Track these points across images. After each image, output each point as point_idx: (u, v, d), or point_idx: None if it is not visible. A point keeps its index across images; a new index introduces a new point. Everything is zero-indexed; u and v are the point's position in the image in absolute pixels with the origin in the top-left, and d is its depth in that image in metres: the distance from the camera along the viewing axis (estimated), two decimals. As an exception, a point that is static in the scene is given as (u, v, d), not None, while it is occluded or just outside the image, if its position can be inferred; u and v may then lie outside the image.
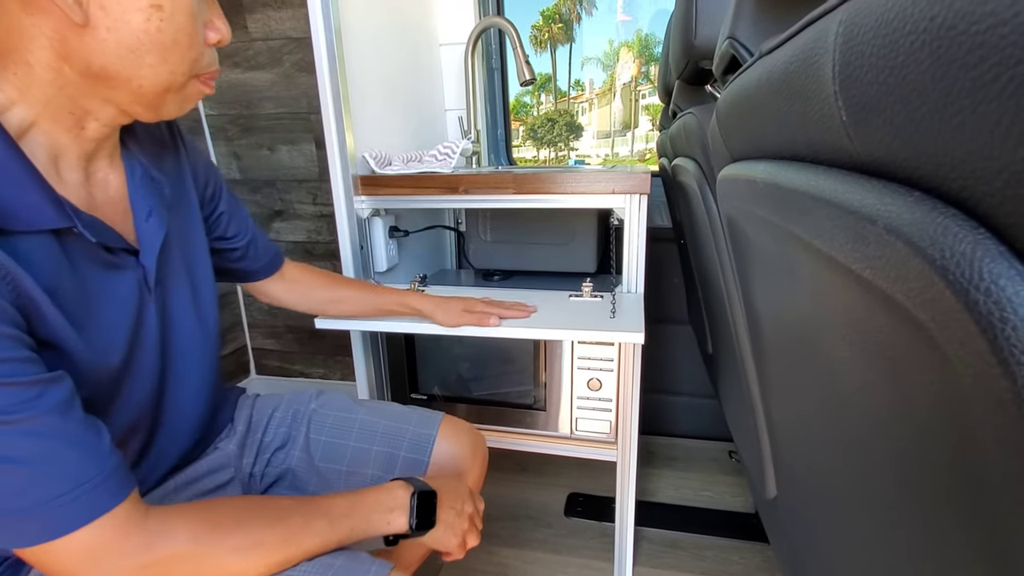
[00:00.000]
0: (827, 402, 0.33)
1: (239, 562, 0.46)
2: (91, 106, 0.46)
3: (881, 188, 0.17)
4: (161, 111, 0.49)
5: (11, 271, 0.39)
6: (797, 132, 0.24)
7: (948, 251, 0.14)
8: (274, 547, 0.48)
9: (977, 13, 0.12)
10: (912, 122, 0.16)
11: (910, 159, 0.16)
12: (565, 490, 1.42)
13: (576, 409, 1.04)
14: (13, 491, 0.38)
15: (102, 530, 0.41)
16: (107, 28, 0.42)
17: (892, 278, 0.17)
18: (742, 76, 0.33)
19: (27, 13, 0.40)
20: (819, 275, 0.25)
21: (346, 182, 1.03)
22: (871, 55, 0.17)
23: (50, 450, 0.39)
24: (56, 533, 0.39)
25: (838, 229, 0.20)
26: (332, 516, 0.54)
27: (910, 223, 0.15)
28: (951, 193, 0.15)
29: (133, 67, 0.44)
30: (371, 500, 0.57)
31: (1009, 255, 0.13)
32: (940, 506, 0.20)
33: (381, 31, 1.17)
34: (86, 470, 0.40)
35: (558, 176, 0.96)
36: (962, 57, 0.13)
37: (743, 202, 0.36)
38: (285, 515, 0.51)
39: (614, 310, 0.89)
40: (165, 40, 0.44)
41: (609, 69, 31.76)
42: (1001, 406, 0.13)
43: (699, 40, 0.60)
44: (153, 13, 0.43)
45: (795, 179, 0.24)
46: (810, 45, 0.21)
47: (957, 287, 0.14)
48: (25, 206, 0.41)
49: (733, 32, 0.40)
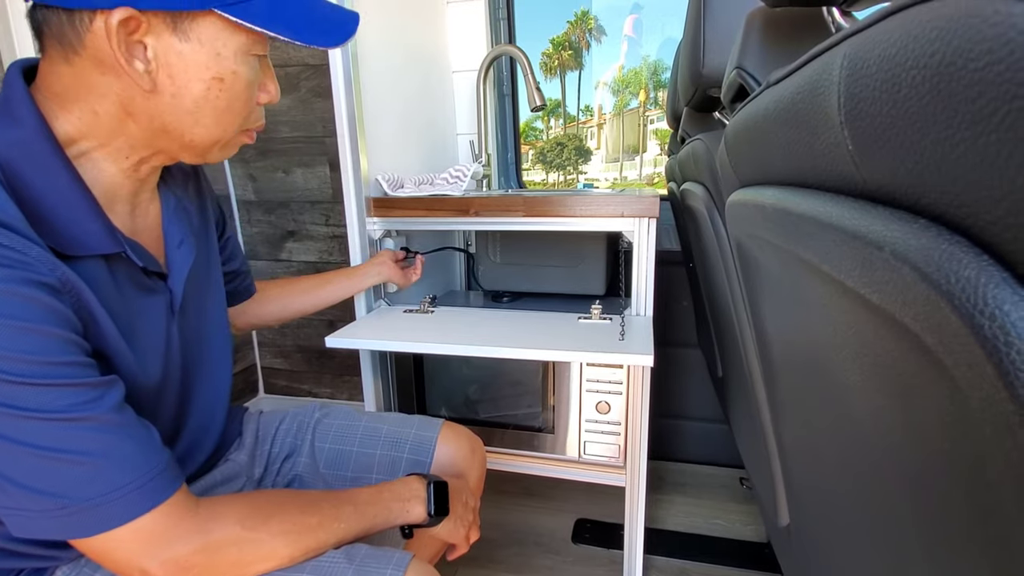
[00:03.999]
0: (838, 426, 0.33)
1: (281, 545, 0.50)
2: (145, 153, 0.50)
3: (887, 215, 0.18)
4: (207, 158, 0.54)
5: (74, 286, 0.43)
6: (804, 160, 0.25)
7: (953, 277, 0.14)
8: (309, 532, 0.52)
9: (975, 51, 0.13)
10: (916, 152, 0.16)
11: (915, 187, 0.17)
12: (573, 516, 1.40)
13: (584, 432, 1.03)
14: (81, 481, 0.41)
15: (159, 518, 0.44)
16: (172, 94, 0.46)
17: (899, 303, 0.17)
18: (750, 105, 0.34)
19: (99, 72, 0.44)
20: (828, 299, 0.25)
21: (359, 203, 1.05)
22: (875, 88, 0.17)
23: (112, 444, 0.42)
24: (119, 521, 0.42)
25: (846, 254, 0.20)
26: (357, 504, 0.57)
27: (916, 249, 0.16)
28: (955, 220, 0.15)
29: (190, 126, 0.48)
30: (391, 491, 0.61)
31: (1012, 281, 0.13)
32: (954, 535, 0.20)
33: (396, 59, 1.21)
34: (144, 463, 0.44)
35: (568, 199, 0.97)
36: (962, 92, 0.14)
37: (752, 227, 0.37)
38: (317, 503, 0.55)
39: (623, 333, 0.89)
40: (221, 106, 0.49)
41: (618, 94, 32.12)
42: (1009, 430, 0.13)
43: (707, 69, 0.62)
44: (214, 84, 0.47)
45: (803, 205, 0.25)
46: (816, 77, 0.22)
47: (963, 312, 0.14)
48: (84, 233, 0.45)
49: (741, 62, 0.41)
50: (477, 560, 0.77)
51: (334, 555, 0.53)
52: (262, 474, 0.77)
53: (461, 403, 1.11)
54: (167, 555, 0.44)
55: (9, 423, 0.39)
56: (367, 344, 0.94)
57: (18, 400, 0.39)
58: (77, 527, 0.42)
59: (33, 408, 0.39)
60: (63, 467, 0.41)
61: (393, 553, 0.55)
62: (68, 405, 0.40)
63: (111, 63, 0.43)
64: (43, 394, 0.40)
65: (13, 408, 0.39)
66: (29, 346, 0.39)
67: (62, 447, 0.40)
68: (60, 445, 0.40)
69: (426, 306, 1.10)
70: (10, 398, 0.39)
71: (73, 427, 0.41)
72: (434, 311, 1.09)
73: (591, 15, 31.93)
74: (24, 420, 0.39)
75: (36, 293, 0.40)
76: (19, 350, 0.38)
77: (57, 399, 0.40)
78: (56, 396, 0.40)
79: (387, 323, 1.02)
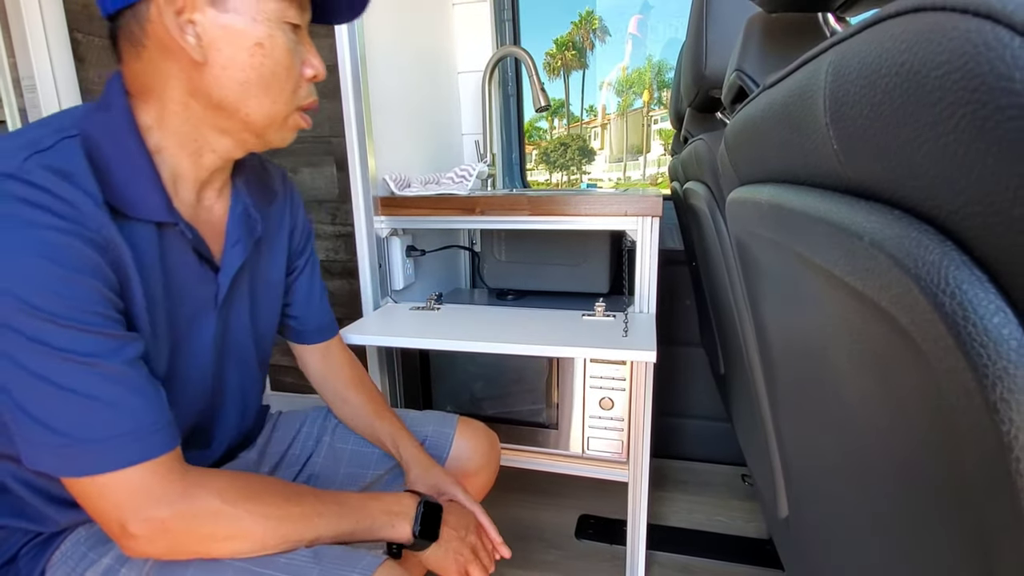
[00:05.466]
0: (834, 418, 0.35)
1: (257, 527, 0.51)
2: (210, 137, 0.55)
3: (868, 208, 0.19)
4: (267, 139, 0.57)
5: (117, 246, 0.48)
6: (796, 158, 0.27)
7: (920, 261, 0.16)
8: (288, 520, 0.52)
9: (936, 61, 0.14)
10: (891, 150, 0.18)
11: (892, 182, 0.18)
12: (576, 511, 1.41)
13: (588, 428, 1.04)
14: (86, 422, 0.44)
15: (148, 473, 0.46)
16: (222, 66, 0.51)
17: (878, 287, 0.18)
18: (748, 106, 0.36)
19: (163, 58, 0.50)
20: (819, 290, 0.27)
21: (367, 203, 1.07)
22: (855, 93, 0.19)
23: (121, 394, 0.46)
24: (112, 466, 0.45)
25: (833, 246, 0.22)
26: (343, 505, 0.58)
27: (890, 237, 0.17)
28: (924, 211, 0.17)
29: (243, 98, 0.53)
30: (381, 501, 0.61)
31: (970, 263, 0.15)
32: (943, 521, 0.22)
33: (403, 60, 1.23)
34: (147, 417, 0.47)
35: (572, 198, 0.99)
36: (925, 97, 0.15)
37: (751, 224, 0.38)
38: (302, 495, 0.56)
39: (626, 329, 0.91)
40: (267, 73, 0.53)
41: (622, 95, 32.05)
42: (968, 396, 0.15)
43: (709, 70, 0.63)
44: (256, 51, 0.51)
45: (795, 201, 0.26)
46: (805, 81, 0.23)
47: (928, 292, 0.16)
48: (142, 199, 0.51)
49: (741, 65, 0.42)
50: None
51: (303, 552, 0.53)
52: (270, 473, 0.77)
53: (467, 399, 1.13)
54: (148, 513, 0.46)
55: (35, 357, 0.42)
56: (376, 341, 0.96)
57: (48, 337, 0.42)
58: (73, 465, 0.44)
59: (59, 347, 0.42)
60: (73, 406, 0.44)
61: (363, 556, 0.55)
62: (90, 350, 0.44)
63: (170, 44, 0.49)
64: (70, 336, 0.43)
65: (41, 343, 0.42)
66: (66, 290, 0.43)
67: (76, 387, 0.43)
68: (75, 385, 0.43)
69: (432, 303, 1.12)
70: (41, 333, 0.42)
71: (90, 371, 0.44)
72: (440, 308, 1.11)
73: (596, 15, 31.81)
74: (49, 357, 0.42)
75: (80, 245, 0.44)
76: (57, 293, 0.42)
77: (82, 343, 0.43)
78: (81, 340, 0.43)
79: (394, 320, 1.04)
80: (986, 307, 0.14)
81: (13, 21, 1.18)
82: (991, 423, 0.14)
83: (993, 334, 0.14)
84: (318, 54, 0.57)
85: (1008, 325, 0.14)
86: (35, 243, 0.42)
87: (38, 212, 0.42)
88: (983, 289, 0.14)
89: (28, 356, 0.42)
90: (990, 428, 0.14)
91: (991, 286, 0.14)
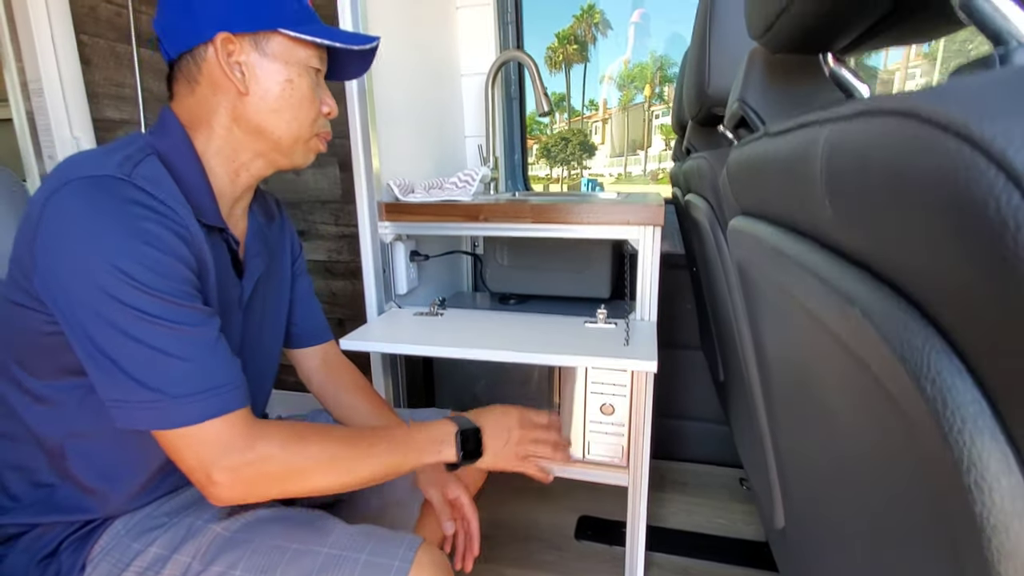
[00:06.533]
0: (826, 436, 0.36)
1: (317, 470, 0.58)
2: (245, 159, 0.65)
3: (860, 276, 0.21)
4: (293, 158, 0.67)
5: (198, 239, 0.58)
6: (795, 208, 0.28)
7: (906, 344, 0.17)
8: (344, 460, 0.60)
9: (922, 169, 0.16)
10: (881, 232, 0.19)
11: (882, 258, 0.19)
12: (576, 512, 1.43)
13: (589, 433, 1.06)
14: (176, 379, 0.52)
15: (227, 425, 0.53)
16: (260, 96, 0.62)
17: (867, 353, 0.20)
18: (751, 146, 0.37)
19: (212, 92, 0.62)
20: (813, 334, 0.28)
21: (371, 208, 1.08)
22: (848, 172, 0.20)
23: (206, 356, 0.54)
24: (198, 418, 0.52)
25: (827, 302, 0.23)
26: (392, 442, 0.65)
27: (879, 313, 0.19)
28: (911, 291, 0.18)
29: (276, 122, 0.64)
30: (426, 432, 0.69)
31: (950, 352, 0.16)
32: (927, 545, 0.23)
33: (408, 63, 1.23)
34: (227, 377, 0.55)
35: (575, 207, 1.00)
36: (911, 198, 0.16)
37: (751, 254, 0.39)
38: (354, 437, 0.63)
39: (627, 338, 0.92)
40: (295, 103, 0.64)
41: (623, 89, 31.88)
42: (946, 474, 0.16)
43: (711, 89, 0.64)
44: (287, 85, 0.63)
45: (794, 249, 0.28)
46: (805, 145, 0.24)
47: (912, 374, 0.17)
48: (205, 208, 0.62)
49: (743, 96, 0.43)
50: (480, 555, 0.80)
51: (347, 543, 0.61)
52: None
53: (469, 400, 1.15)
54: (226, 462, 0.53)
55: (135, 323, 0.50)
56: (381, 347, 0.97)
57: (146, 306, 0.51)
58: (165, 419, 0.51)
59: (155, 314, 0.51)
60: (166, 363, 0.51)
61: (403, 539, 0.62)
62: (180, 318, 0.52)
63: (220, 80, 0.61)
64: (163, 306, 0.51)
65: (140, 311, 0.50)
66: (161, 269, 0.52)
67: (169, 348, 0.51)
68: (168, 347, 0.51)
69: (436, 308, 1.13)
70: (140, 303, 0.50)
71: (181, 335, 0.52)
72: (443, 314, 1.12)
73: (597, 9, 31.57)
74: (146, 322, 0.51)
75: (171, 236, 0.54)
76: (153, 270, 0.51)
77: (174, 312, 0.52)
78: (173, 310, 0.52)
79: (399, 326, 1.05)
80: (963, 396, 0.15)
81: (21, 25, 1.18)
82: (965, 502, 0.15)
83: (968, 423, 0.15)
84: (331, 96, 0.69)
85: (983, 416, 0.15)
86: (139, 231, 0.51)
87: (141, 208, 0.53)
88: (961, 379, 0.15)
89: (129, 322, 0.50)
90: (964, 506, 0.15)
91: (968, 376, 0.15)
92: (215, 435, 0.53)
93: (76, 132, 1.35)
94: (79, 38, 1.38)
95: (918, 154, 0.15)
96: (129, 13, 1.51)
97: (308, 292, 0.88)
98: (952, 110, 0.14)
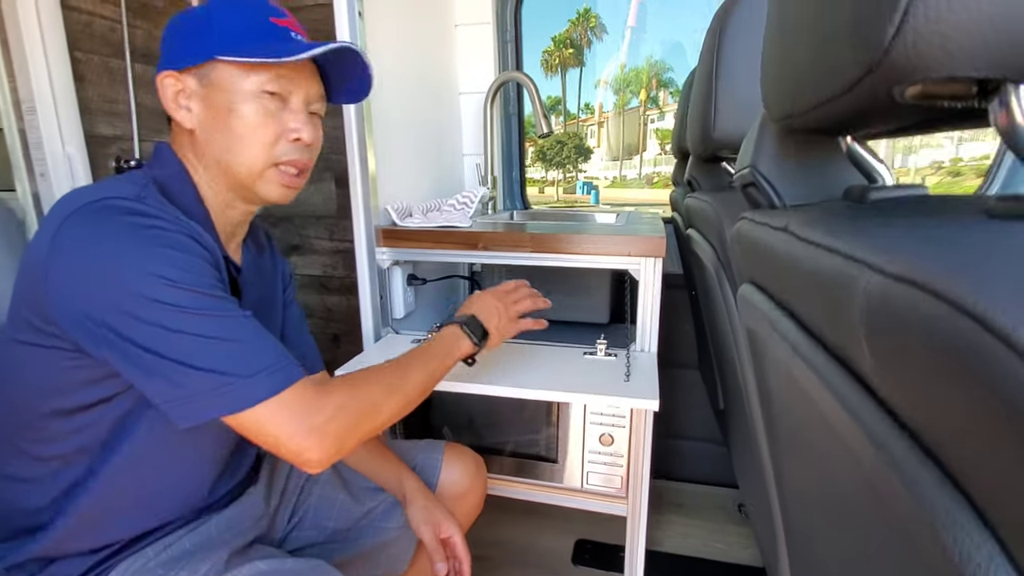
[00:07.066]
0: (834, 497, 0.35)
1: (382, 401, 0.62)
2: (227, 196, 0.65)
3: (903, 437, 0.19)
4: (256, 191, 0.65)
5: (213, 249, 0.59)
6: (824, 324, 0.26)
7: (966, 555, 0.16)
8: (397, 384, 0.65)
9: (964, 364, 0.15)
10: (926, 402, 0.18)
11: (925, 423, 0.18)
12: (573, 536, 1.42)
13: (587, 463, 1.05)
14: (239, 359, 0.53)
15: (298, 394, 0.55)
16: (205, 130, 0.62)
17: (910, 529, 0.19)
18: (772, 233, 0.36)
19: (177, 127, 0.63)
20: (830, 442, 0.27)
21: (368, 233, 1.06)
22: (892, 335, 0.19)
23: (258, 337, 0.56)
24: (268, 393, 0.53)
25: (857, 437, 0.22)
26: (422, 355, 0.72)
27: (934, 506, 0.17)
28: (955, 473, 0.17)
29: (229, 156, 0.62)
30: (441, 341, 0.76)
31: (1008, 566, 0.15)
32: None
33: (406, 82, 1.22)
34: (280, 353, 0.56)
35: (575, 236, 0.99)
36: (956, 390, 0.15)
37: (765, 333, 0.38)
38: (392, 368, 0.68)
39: (628, 373, 0.91)
40: (242, 133, 0.61)
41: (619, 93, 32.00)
42: None
43: (717, 134, 0.64)
44: (231, 115, 0.61)
45: (821, 366, 0.26)
46: (842, 281, 0.23)
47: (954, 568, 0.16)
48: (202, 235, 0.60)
49: (755, 163, 0.42)
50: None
51: None
52: (278, 504, 0.82)
53: (466, 428, 1.13)
54: (309, 424, 0.54)
55: (182, 319, 0.51)
56: (377, 378, 0.96)
57: (187, 302, 0.52)
58: (242, 399, 0.52)
59: (198, 307, 0.52)
60: (225, 347, 0.53)
61: None
62: (222, 308, 0.54)
63: (175, 119, 0.62)
64: (202, 299, 0.53)
65: (184, 307, 0.52)
66: (192, 266, 0.54)
67: (223, 335, 0.53)
68: (221, 333, 0.53)
69: (433, 336, 1.12)
70: (182, 300, 0.52)
71: (229, 321, 0.54)
72: (441, 341, 1.11)
73: (593, 13, 31.72)
74: (192, 315, 0.52)
75: (191, 241, 0.56)
76: (186, 269, 0.53)
77: (213, 303, 0.54)
78: (212, 301, 0.54)
79: (394, 354, 1.04)
80: None
81: (13, 43, 1.16)
82: None
83: None
84: (303, 120, 0.65)
85: None
86: (162, 240, 0.54)
87: (159, 221, 0.55)
88: None
89: (177, 319, 0.51)
90: None
91: None
92: (291, 404, 0.54)
93: (69, 149, 1.33)
94: (73, 55, 1.35)
95: (963, 352, 0.14)
96: (124, 28, 1.49)
97: (299, 321, 0.87)
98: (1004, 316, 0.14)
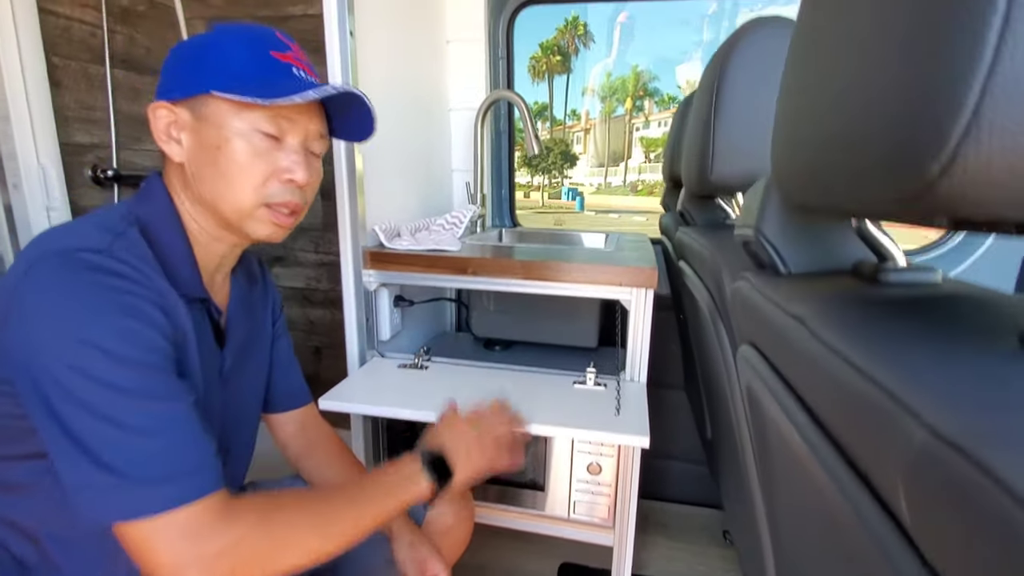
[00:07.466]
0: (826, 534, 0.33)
1: (299, 535, 0.53)
2: (215, 231, 0.63)
3: (918, 565, 0.18)
4: (244, 230, 0.62)
5: (178, 315, 0.56)
6: (844, 435, 0.25)
7: None
8: (326, 523, 0.55)
9: None
10: (954, 552, 0.17)
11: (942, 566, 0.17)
12: (557, 560, 1.41)
13: (575, 492, 1.04)
14: (144, 458, 0.47)
15: (201, 510, 0.48)
16: (198, 165, 0.59)
17: None
18: (778, 311, 0.34)
19: (168, 161, 0.61)
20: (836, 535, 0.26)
21: (355, 255, 1.04)
22: (936, 496, 0.18)
23: (179, 434, 0.49)
24: (168, 504, 0.46)
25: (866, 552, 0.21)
26: (364, 489, 0.61)
27: None
28: None
29: (215, 192, 0.59)
30: (392, 473, 0.65)
31: None
32: None
33: (395, 98, 1.20)
34: (198, 458, 0.50)
35: (565, 265, 0.98)
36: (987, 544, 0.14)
37: (766, 398, 0.37)
38: (330, 494, 0.59)
39: (618, 407, 0.90)
40: (231, 171, 0.59)
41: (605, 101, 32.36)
42: None
43: (715, 176, 0.63)
44: (220, 153, 0.58)
45: (833, 464, 0.25)
46: (877, 414, 0.20)
47: None
48: (186, 278, 0.59)
49: (759, 226, 0.42)
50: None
51: None
52: None
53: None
54: (197, 552, 0.47)
55: (105, 398, 0.46)
56: (360, 409, 0.94)
57: (118, 379, 0.47)
58: (125, 507, 0.46)
59: (122, 386, 0.47)
60: (138, 443, 0.47)
61: None
62: (150, 389, 0.49)
63: (164, 150, 0.59)
64: (138, 375, 0.48)
65: (106, 384, 0.47)
66: (137, 338, 0.49)
67: (143, 425, 0.47)
68: (134, 423, 0.47)
69: (420, 360, 1.10)
70: (113, 376, 0.47)
71: (150, 409, 0.48)
72: (428, 366, 1.09)
73: (581, 21, 32.01)
74: (118, 396, 0.47)
75: (151, 308, 0.52)
76: (129, 341, 0.48)
77: (142, 381, 0.48)
78: (142, 379, 0.48)
79: (381, 382, 1.02)
80: None
81: (-15, 51, 1.12)
82: None
83: None
84: (299, 162, 0.61)
85: None
86: (112, 302, 0.49)
87: (118, 279, 0.50)
88: None
89: (99, 399, 0.46)
90: None
91: None
92: (183, 525, 0.47)
93: (43, 160, 1.28)
94: (50, 60, 1.31)
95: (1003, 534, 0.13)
96: (104, 33, 1.45)
97: (288, 353, 0.85)
98: None
